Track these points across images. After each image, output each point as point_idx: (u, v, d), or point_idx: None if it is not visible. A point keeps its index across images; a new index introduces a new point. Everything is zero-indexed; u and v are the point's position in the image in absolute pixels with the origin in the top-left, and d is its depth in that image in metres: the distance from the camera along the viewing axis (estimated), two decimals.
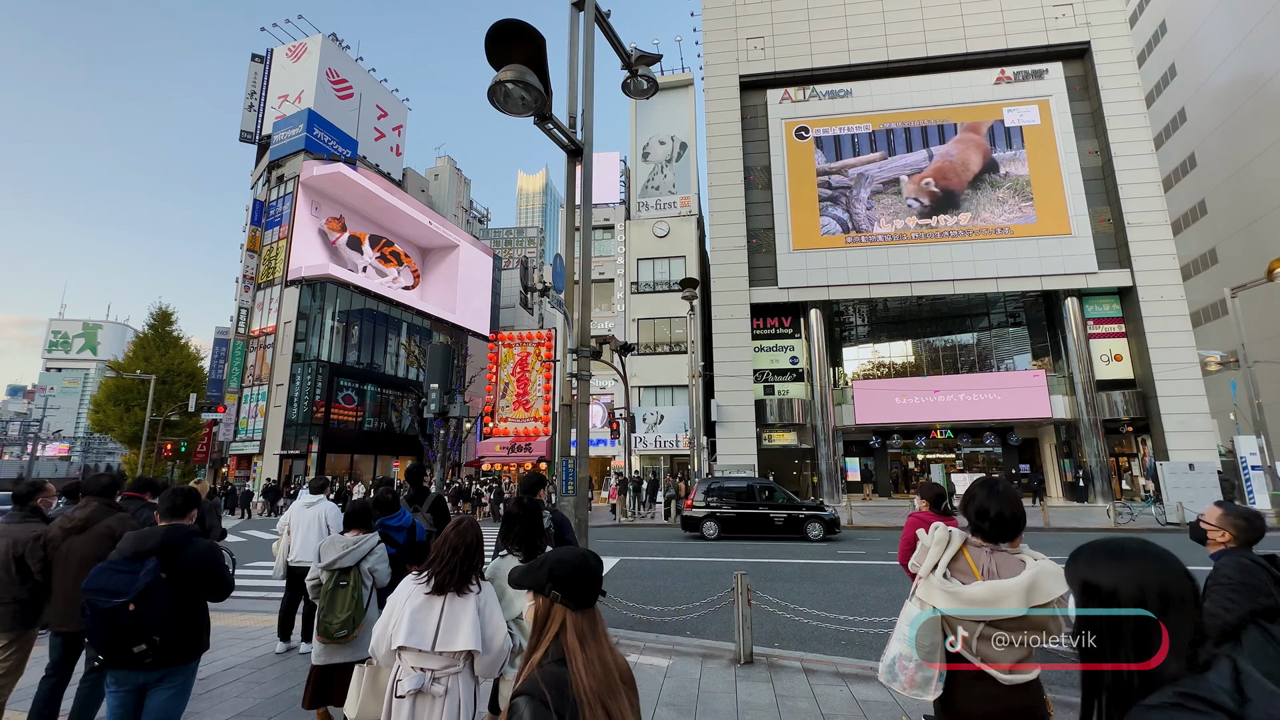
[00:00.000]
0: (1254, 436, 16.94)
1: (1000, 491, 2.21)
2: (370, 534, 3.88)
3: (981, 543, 2.19)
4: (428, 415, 6.68)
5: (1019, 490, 19.11)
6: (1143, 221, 23.48)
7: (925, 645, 2.08)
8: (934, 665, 2.05)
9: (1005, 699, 2.00)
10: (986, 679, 2.01)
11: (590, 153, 5.89)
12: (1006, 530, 2.16)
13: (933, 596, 2.13)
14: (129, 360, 35.40)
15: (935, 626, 2.08)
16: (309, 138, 32.58)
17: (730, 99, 27.64)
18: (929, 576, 2.17)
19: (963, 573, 2.13)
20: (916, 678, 2.08)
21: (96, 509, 3.68)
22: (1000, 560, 2.10)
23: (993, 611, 2.00)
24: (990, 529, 2.18)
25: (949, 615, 2.08)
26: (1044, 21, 25.79)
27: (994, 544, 2.17)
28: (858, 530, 16.44)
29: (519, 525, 2.90)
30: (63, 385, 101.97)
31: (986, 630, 2.01)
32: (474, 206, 55.11)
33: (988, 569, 2.10)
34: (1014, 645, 2.00)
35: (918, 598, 2.20)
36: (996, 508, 2.17)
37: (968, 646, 2.03)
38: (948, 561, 2.17)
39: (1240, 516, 2.69)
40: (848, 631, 6.28)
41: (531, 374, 31.22)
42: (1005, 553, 2.14)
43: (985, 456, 27.93)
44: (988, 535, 2.19)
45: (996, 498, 2.19)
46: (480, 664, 2.47)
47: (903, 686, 2.11)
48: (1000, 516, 2.16)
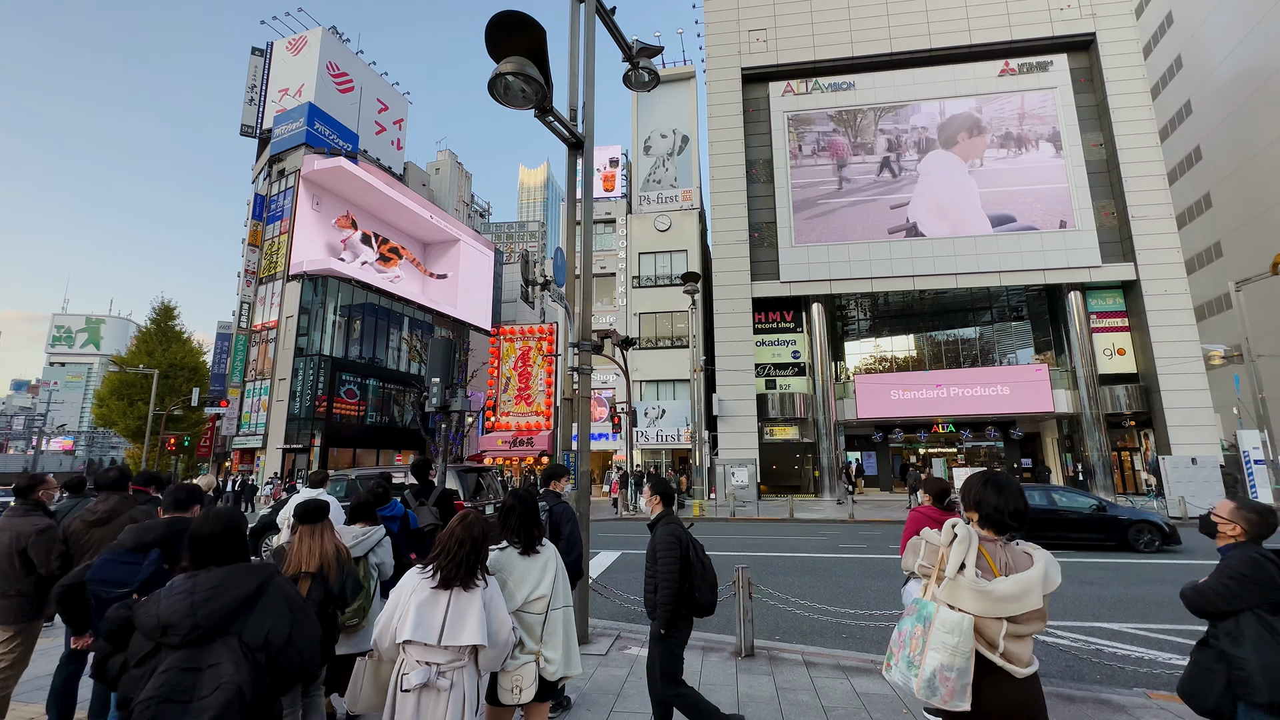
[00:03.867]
0: (1257, 431, 16.91)
1: (1002, 483, 2.20)
2: (376, 526, 3.94)
3: (994, 536, 2.16)
4: (429, 409, 6.68)
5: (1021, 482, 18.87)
6: (1147, 215, 23.34)
7: (965, 653, 1.98)
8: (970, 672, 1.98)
9: (1020, 691, 2.00)
10: (1001, 675, 1.98)
11: (591, 146, 5.86)
12: (1010, 523, 2.15)
13: (959, 598, 2.04)
14: (132, 355, 35.50)
15: (971, 632, 1.99)
16: (310, 132, 32.48)
17: (732, 91, 27.48)
18: (956, 577, 2.07)
19: (982, 569, 2.07)
20: (957, 688, 1.96)
21: (119, 501, 3.76)
22: (1012, 553, 2.10)
23: (1021, 607, 1.96)
24: (1011, 522, 2.15)
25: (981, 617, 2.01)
26: (1049, 13, 25.56)
27: (1004, 537, 2.15)
28: (858, 524, 16.47)
29: (516, 515, 2.91)
30: (66, 380, 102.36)
31: (1013, 628, 1.97)
32: (475, 201, 55.00)
33: (1005, 563, 2.07)
34: (1026, 639, 2.00)
35: (942, 602, 2.08)
36: (1013, 503, 2.15)
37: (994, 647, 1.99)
38: (974, 560, 2.08)
39: (1253, 511, 2.66)
40: (849, 625, 6.30)
41: (533, 368, 31.21)
42: (1010, 545, 2.14)
43: (987, 451, 27.92)
44: (1002, 528, 2.15)
45: (1008, 492, 2.17)
46: (485, 657, 2.47)
47: (943, 700, 1.98)
48: (1018, 511, 2.15)
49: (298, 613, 2.07)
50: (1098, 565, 9.90)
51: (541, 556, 2.89)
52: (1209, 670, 2.58)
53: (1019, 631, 1.98)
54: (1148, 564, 10.03)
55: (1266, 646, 2.43)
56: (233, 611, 1.88)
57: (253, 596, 1.95)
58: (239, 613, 1.90)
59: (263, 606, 1.96)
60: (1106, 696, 4.33)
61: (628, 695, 4.43)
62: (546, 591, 2.81)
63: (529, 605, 2.79)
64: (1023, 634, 1.99)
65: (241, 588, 1.94)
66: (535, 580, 2.82)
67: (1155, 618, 6.70)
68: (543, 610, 2.79)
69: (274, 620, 1.95)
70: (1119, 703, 4.22)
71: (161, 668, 1.76)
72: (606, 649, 5.45)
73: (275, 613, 1.97)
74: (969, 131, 25.66)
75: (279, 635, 1.94)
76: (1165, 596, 7.55)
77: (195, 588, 1.89)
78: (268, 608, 1.97)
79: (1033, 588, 1.95)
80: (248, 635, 1.88)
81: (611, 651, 5.42)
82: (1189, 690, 2.66)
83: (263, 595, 1.98)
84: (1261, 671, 2.39)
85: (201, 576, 1.94)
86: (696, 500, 19.71)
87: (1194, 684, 2.64)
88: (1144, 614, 6.88)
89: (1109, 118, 24.37)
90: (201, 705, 1.70)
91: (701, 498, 19.90)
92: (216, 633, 1.83)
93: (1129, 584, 8.47)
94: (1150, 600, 7.49)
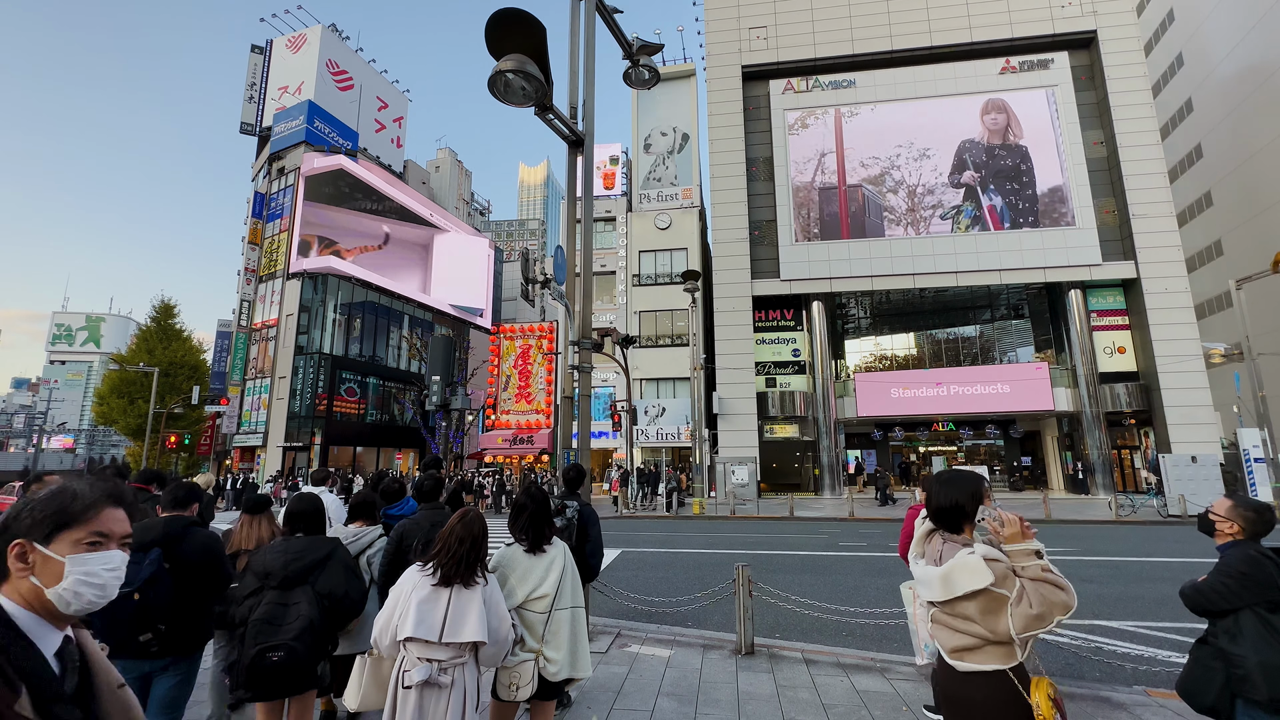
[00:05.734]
0: (1257, 429, 16.90)
1: (943, 481, 2.25)
2: (374, 526, 3.89)
3: (933, 527, 2.29)
4: (430, 408, 6.68)
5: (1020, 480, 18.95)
6: (1148, 213, 23.31)
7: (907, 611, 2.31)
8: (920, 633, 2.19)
9: (960, 683, 2.03)
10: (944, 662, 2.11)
11: (591, 143, 5.85)
12: (943, 519, 2.21)
13: None
14: (132, 353, 35.48)
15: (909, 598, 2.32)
16: (309, 129, 32.45)
17: (732, 89, 27.43)
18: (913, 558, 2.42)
19: (930, 558, 2.22)
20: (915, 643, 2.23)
21: None
22: (948, 549, 2.13)
23: (924, 594, 2.15)
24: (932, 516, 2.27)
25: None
26: (1050, 10, 25.50)
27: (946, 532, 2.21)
28: (858, 523, 16.49)
29: (527, 514, 2.91)
30: (67, 378, 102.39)
31: (934, 613, 2.12)
32: (475, 199, 54.96)
33: (935, 556, 2.19)
34: (956, 633, 2.04)
35: None
36: (935, 499, 2.24)
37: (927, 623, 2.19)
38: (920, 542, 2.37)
39: (1250, 509, 2.66)
40: (849, 623, 6.31)
41: (533, 366, 31.21)
42: (954, 542, 2.15)
43: (987, 449, 27.93)
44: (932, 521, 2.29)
45: (938, 486, 2.25)
46: (485, 654, 2.48)
47: None
48: (939, 508, 2.22)
49: (350, 575, 2.90)
50: (1097, 564, 9.91)
51: (548, 556, 2.88)
52: (1208, 668, 2.58)
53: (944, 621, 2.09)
54: (1147, 562, 10.05)
55: (1265, 644, 2.43)
56: (310, 569, 2.72)
57: (324, 560, 2.77)
58: (314, 570, 2.73)
59: (330, 568, 2.77)
60: (1106, 694, 4.34)
61: (628, 693, 4.44)
62: (550, 591, 2.80)
63: (530, 603, 2.79)
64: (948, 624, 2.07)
65: (317, 554, 2.77)
66: (538, 579, 2.82)
67: (1154, 615, 6.71)
68: (545, 609, 2.79)
69: (337, 578, 2.78)
70: (1118, 700, 4.23)
71: (264, 601, 2.64)
72: (607, 647, 5.46)
73: (337, 573, 2.80)
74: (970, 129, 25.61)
75: (339, 589, 2.78)
76: (1164, 594, 7.57)
77: (288, 549, 2.75)
78: (333, 569, 2.79)
79: (929, 581, 2.09)
80: (319, 586, 2.71)
81: (612, 649, 5.43)
82: (1188, 688, 2.67)
83: (330, 560, 2.80)
84: (1260, 669, 2.40)
85: (292, 542, 2.79)
86: (697, 499, 19.71)
87: (1193, 681, 2.64)
88: (1143, 612, 6.89)
89: (1110, 116, 24.33)
90: (288, 628, 2.57)
91: (701, 496, 19.90)
92: (298, 582, 2.68)
93: (1128, 582, 8.48)
94: (1149, 598, 7.50)
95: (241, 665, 2.56)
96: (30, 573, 1.10)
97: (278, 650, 2.51)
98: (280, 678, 2.56)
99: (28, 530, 1.12)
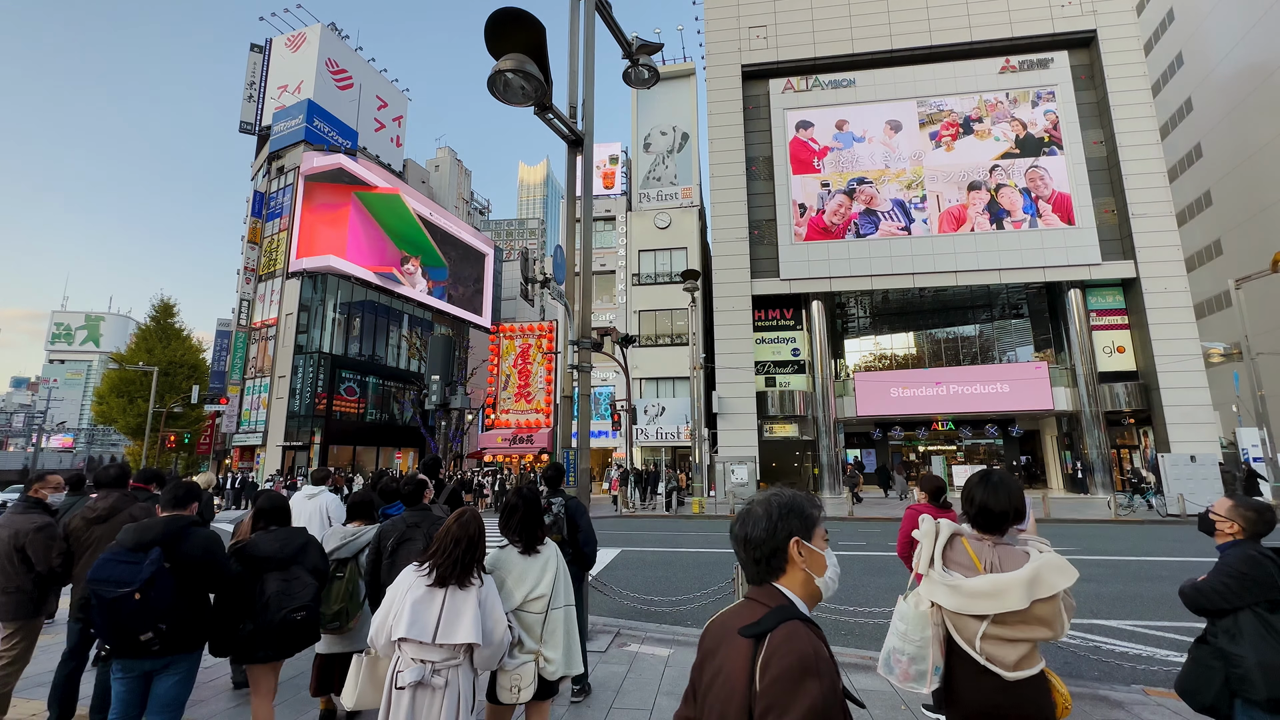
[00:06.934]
0: (1256, 429, 16.93)
1: (994, 482, 2.16)
2: (371, 525, 3.89)
3: (982, 536, 2.14)
4: (429, 407, 6.68)
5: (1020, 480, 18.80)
6: (1147, 212, 23.30)
7: (916, 640, 2.03)
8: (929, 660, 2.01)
9: (1010, 692, 1.94)
10: (989, 674, 1.95)
11: (591, 143, 5.84)
12: (992, 522, 2.12)
13: (935, 593, 2.06)
14: (131, 352, 35.46)
15: (924, 622, 2.03)
16: (309, 128, 32.41)
17: (732, 89, 27.42)
18: (929, 571, 2.11)
19: (965, 566, 2.07)
20: (910, 671, 2.03)
21: (119, 499, 3.78)
22: (1003, 553, 2.05)
23: (995, 607, 1.93)
24: (976, 520, 2.15)
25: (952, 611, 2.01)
26: (1050, 9, 25.48)
27: (993, 536, 2.13)
28: (858, 522, 16.50)
29: (519, 515, 2.91)
30: (66, 377, 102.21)
31: (991, 628, 1.94)
32: (475, 198, 54.94)
33: (990, 562, 2.04)
34: (1018, 643, 1.93)
35: (916, 593, 2.14)
36: (981, 498, 2.13)
37: (972, 645, 1.97)
38: (940, 553, 2.11)
39: (1250, 509, 2.66)
40: (847, 622, 6.32)
41: (533, 366, 31.20)
42: (1008, 545, 2.09)
43: (987, 448, 27.94)
44: (978, 527, 2.16)
45: (985, 488, 2.14)
46: (480, 656, 2.47)
47: (899, 679, 2.07)
48: (985, 508, 2.12)
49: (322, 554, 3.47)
50: (1096, 563, 9.92)
51: (542, 556, 2.88)
52: (1207, 667, 2.58)
53: (1003, 634, 1.93)
54: (1146, 561, 10.06)
55: (1264, 644, 2.43)
56: (299, 551, 3.23)
57: (305, 545, 3.28)
58: (301, 551, 3.24)
59: (310, 549, 3.31)
60: (1104, 693, 4.34)
61: (627, 691, 4.44)
62: (546, 591, 2.80)
63: (528, 604, 2.79)
64: (1009, 637, 1.93)
65: (298, 540, 3.28)
66: (535, 579, 2.81)
67: (1153, 614, 6.72)
68: (542, 610, 2.79)
69: (317, 558, 3.34)
70: (1117, 699, 4.24)
71: (272, 579, 3.10)
72: (606, 646, 5.46)
73: (317, 553, 3.36)
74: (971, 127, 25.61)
75: (322, 564, 3.38)
76: (1163, 593, 7.57)
77: (278, 538, 3.23)
78: (314, 549, 3.34)
79: (1008, 588, 1.90)
80: (307, 563, 3.24)
81: (611, 648, 5.43)
82: (1186, 687, 2.67)
83: (309, 544, 3.31)
84: (1259, 668, 2.40)
85: (277, 532, 3.28)
86: (696, 498, 19.72)
87: (1192, 680, 2.64)
88: (1142, 611, 6.90)
89: (1109, 115, 24.32)
90: (301, 595, 3.11)
91: (701, 495, 19.91)
92: (292, 562, 3.17)
93: (1127, 581, 8.48)
94: (1148, 597, 7.51)
95: (269, 628, 3.03)
96: None
97: (301, 610, 3.08)
98: (304, 632, 3.16)
99: None
